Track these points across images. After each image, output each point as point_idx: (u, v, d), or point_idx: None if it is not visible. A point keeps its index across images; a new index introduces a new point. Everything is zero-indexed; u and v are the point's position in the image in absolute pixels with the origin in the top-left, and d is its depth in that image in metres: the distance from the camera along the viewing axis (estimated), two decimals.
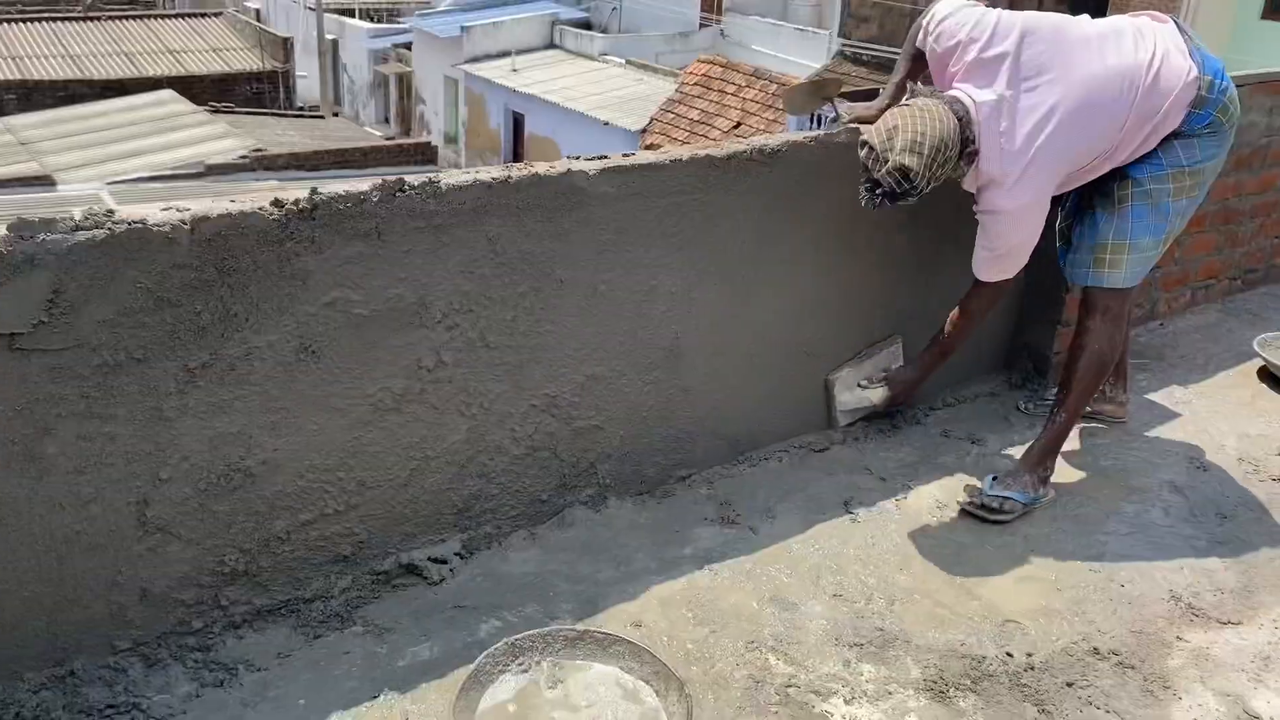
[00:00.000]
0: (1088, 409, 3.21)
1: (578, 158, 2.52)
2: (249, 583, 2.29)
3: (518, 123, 21.64)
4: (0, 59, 17.23)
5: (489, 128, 22.46)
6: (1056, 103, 2.53)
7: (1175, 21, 2.68)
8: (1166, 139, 2.66)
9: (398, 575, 2.46)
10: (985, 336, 3.52)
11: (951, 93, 2.60)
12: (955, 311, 2.95)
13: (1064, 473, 3.07)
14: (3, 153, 12.97)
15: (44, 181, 11.92)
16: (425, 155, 15.19)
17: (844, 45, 20.68)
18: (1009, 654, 2.35)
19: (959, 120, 2.54)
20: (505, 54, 21.88)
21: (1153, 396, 3.56)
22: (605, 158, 2.54)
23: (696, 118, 17.57)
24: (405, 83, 25.71)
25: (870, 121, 2.95)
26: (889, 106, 2.99)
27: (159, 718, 2.06)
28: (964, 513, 2.84)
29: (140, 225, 1.96)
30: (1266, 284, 4.52)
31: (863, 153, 2.55)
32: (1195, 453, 3.22)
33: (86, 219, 1.93)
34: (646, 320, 2.69)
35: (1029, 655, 2.36)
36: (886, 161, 2.49)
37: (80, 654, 2.13)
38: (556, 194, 2.43)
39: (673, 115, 17.86)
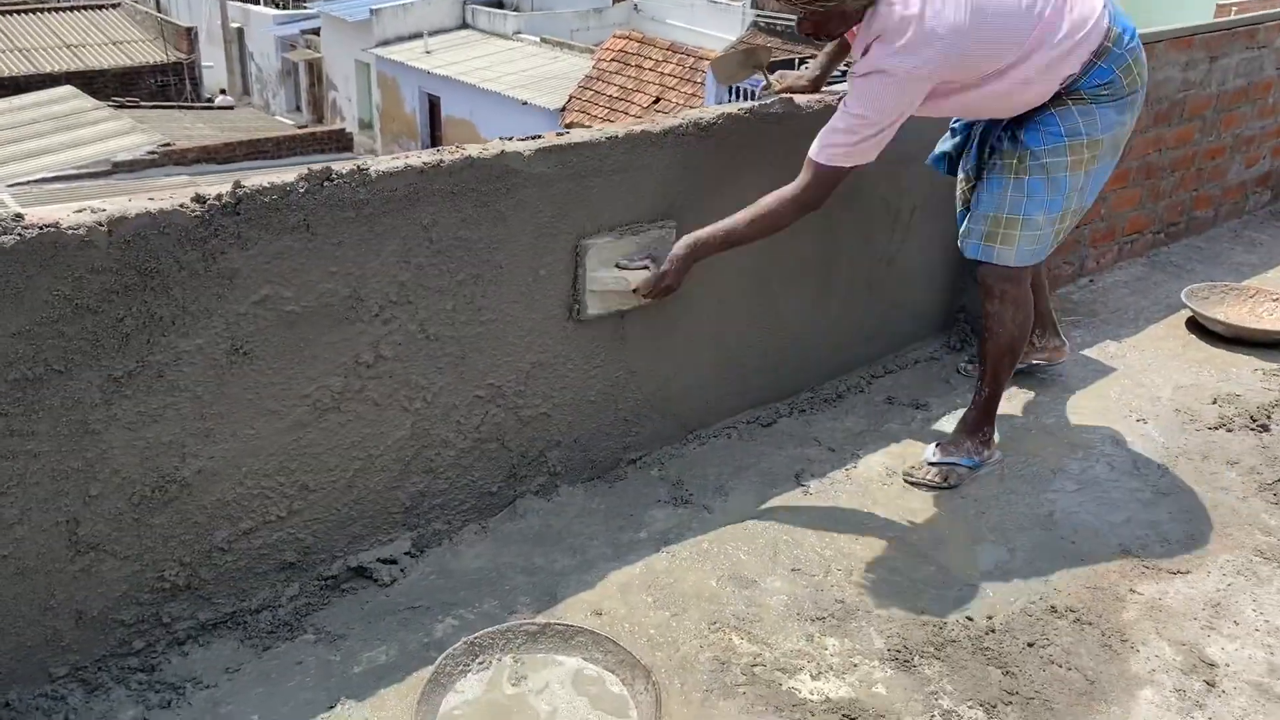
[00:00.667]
0: (1028, 363, 3.27)
1: (510, 138, 2.45)
2: (191, 597, 2.19)
3: (434, 106, 21.31)
4: None
5: (404, 112, 22.08)
6: None
7: None
8: (1064, 102, 2.54)
9: (347, 579, 2.38)
10: (923, 300, 3.53)
11: None
12: (764, 199, 2.51)
13: (1008, 433, 3.09)
14: None
15: None
16: (341, 143, 14.89)
17: (758, 16, 20.71)
18: (969, 618, 2.36)
19: None
20: (417, 36, 21.49)
21: (1088, 352, 3.60)
22: (539, 137, 2.47)
23: (615, 94, 17.46)
24: (315, 69, 25.14)
25: (802, 91, 2.92)
26: (822, 76, 2.96)
27: None
28: (912, 484, 2.83)
29: (53, 229, 1.84)
30: (1188, 236, 4.61)
31: None
32: (1133, 406, 3.27)
33: None
34: (547, 314, 2.63)
35: (989, 618, 2.36)
36: None
37: (14, 684, 2.02)
38: (491, 177, 2.35)
39: (591, 93, 17.73)
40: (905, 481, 2.83)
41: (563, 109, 17.69)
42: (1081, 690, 2.18)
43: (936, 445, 2.87)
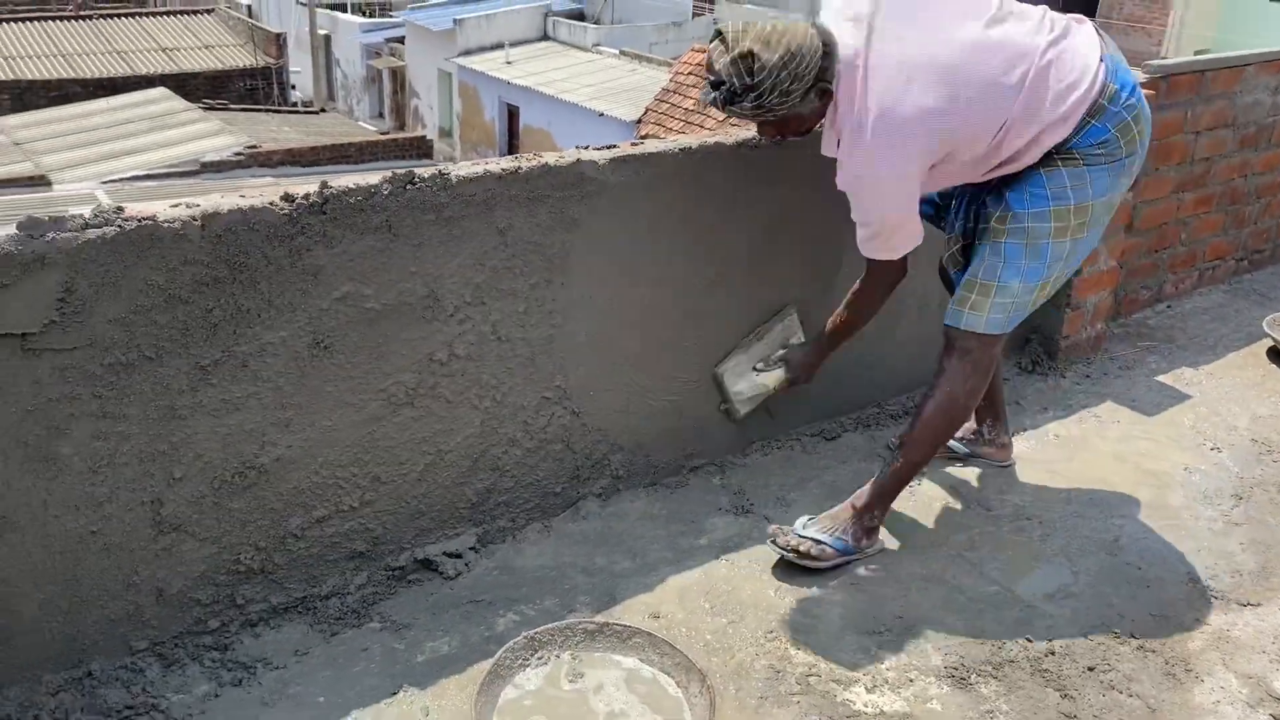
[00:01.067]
0: (971, 450, 2.98)
1: (586, 147, 2.50)
2: (265, 580, 2.27)
3: (512, 115, 21.59)
4: None
5: (484, 120, 22.41)
6: (921, 60, 2.20)
7: (1096, 27, 2.37)
8: (1054, 162, 2.32)
9: (413, 570, 2.45)
10: None
11: (821, 22, 2.31)
12: (853, 290, 2.61)
13: (1079, 458, 3.06)
14: None
15: (39, 182, 11.88)
16: (421, 149, 15.17)
17: None
18: (1029, 639, 2.34)
19: (824, 48, 2.21)
20: (499, 46, 21.82)
21: (1163, 379, 3.54)
22: (614, 147, 2.52)
23: (691, 107, 17.51)
24: (399, 77, 25.65)
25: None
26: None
27: (178, 717, 2.05)
28: (775, 554, 2.53)
29: (150, 222, 1.94)
30: (1273, 264, 4.51)
31: (711, 43, 2.26)
32: (1208, 434, 3.21)
33: (96, 217, 1.91)
34: (656, 309, 2.67)
35: (1049, 640, 2.35)
36: (733, 50, 2.19)
37: (97, 655, 2.12)
38: (566, 184, 2.41)
39: (667, 105, 17.81)
40: (769, 541, 2.53)
41: (638, 121, 17.80)
42: (1142, 718, 2.16)
43: (809, 517, 2.56)
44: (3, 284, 1.82)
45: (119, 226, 1.91)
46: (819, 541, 2.50)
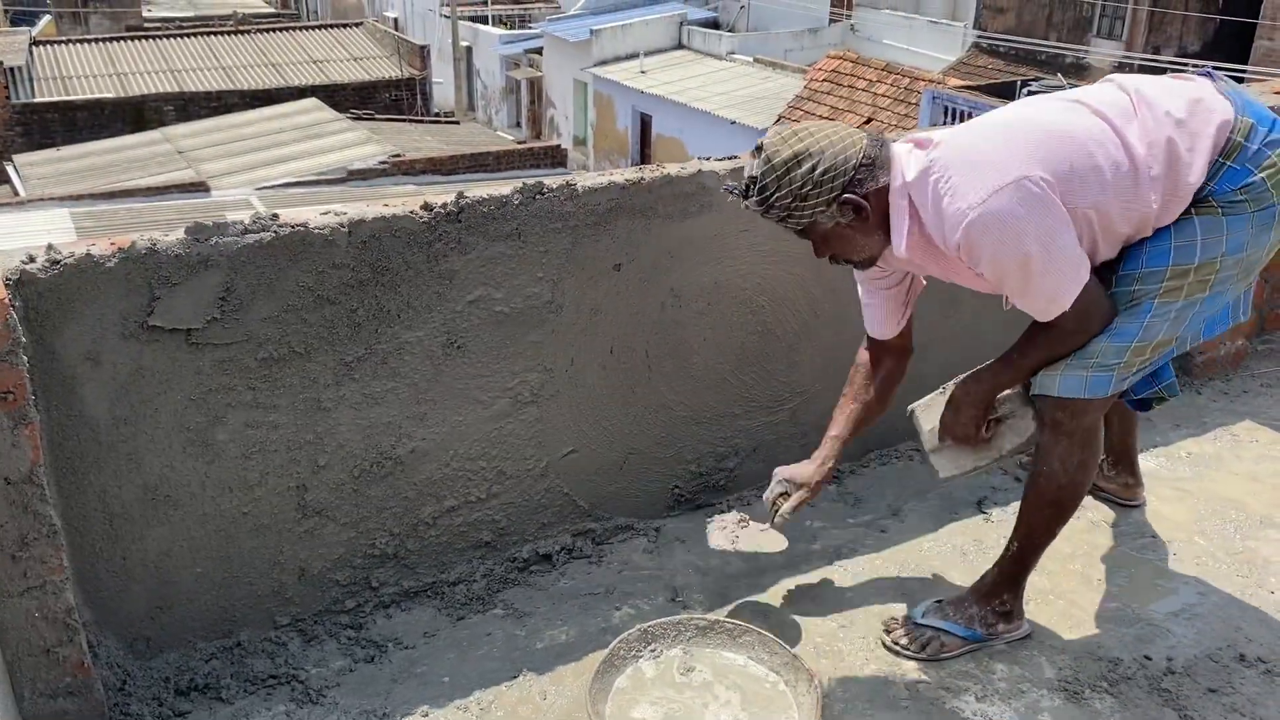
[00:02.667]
0: (1094, 488, 2.74)
1: (707, 158, 2.58)
2: (397, 565, 2.42)
3: (645, 124, 21.84)
4: (160, 73, 18.28)
5: (617, 129, 22.72)
6: (1023, 115, 2.06)
7: (1209, 73, 2.14)
8: (1188, 212, 2.04)
9: (534, 562, 2.56)
10: None
11: (889, 138, 2.14)
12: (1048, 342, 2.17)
13: (1211, 477, 2.98)
14: (162, 161, 13.79)
15: (199, 188, 12.64)
16: (555, 158, 15.52)
17: (979, 37, 20.21)
18: (1147, 657, 2.31)
19: (864, 159, 2.01)
20: (633, 56, 22.10)
21: None
22: (735, 158, 2.59)
23: (825, 114, 17.42)
24: (536, 87, 26.22)
25: (813, 492, 2.45)
26: (827, 463, 2.45)
27: (316, 689, 2.20)
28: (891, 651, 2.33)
29: (302, 228, 2.10)
30: None
31: None
32: None
33: (254, 222, 2.07)
34: (774, 318, 2.73)
35: (1169, 659, 2.30)
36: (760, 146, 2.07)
37: (245, 627, 2.29)
38: (688, 194, 2.49)
39: (801, 113, 17.74)
40: (883, 644, 2.33)
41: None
42: None
43: (936, 601, 2.35)
44: (173, 283, 2.00)
45: (274, 232, 2.08)
46: (939, 630, 2.30)
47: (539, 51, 25.79)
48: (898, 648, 2.31)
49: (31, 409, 1.84)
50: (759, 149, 2.06)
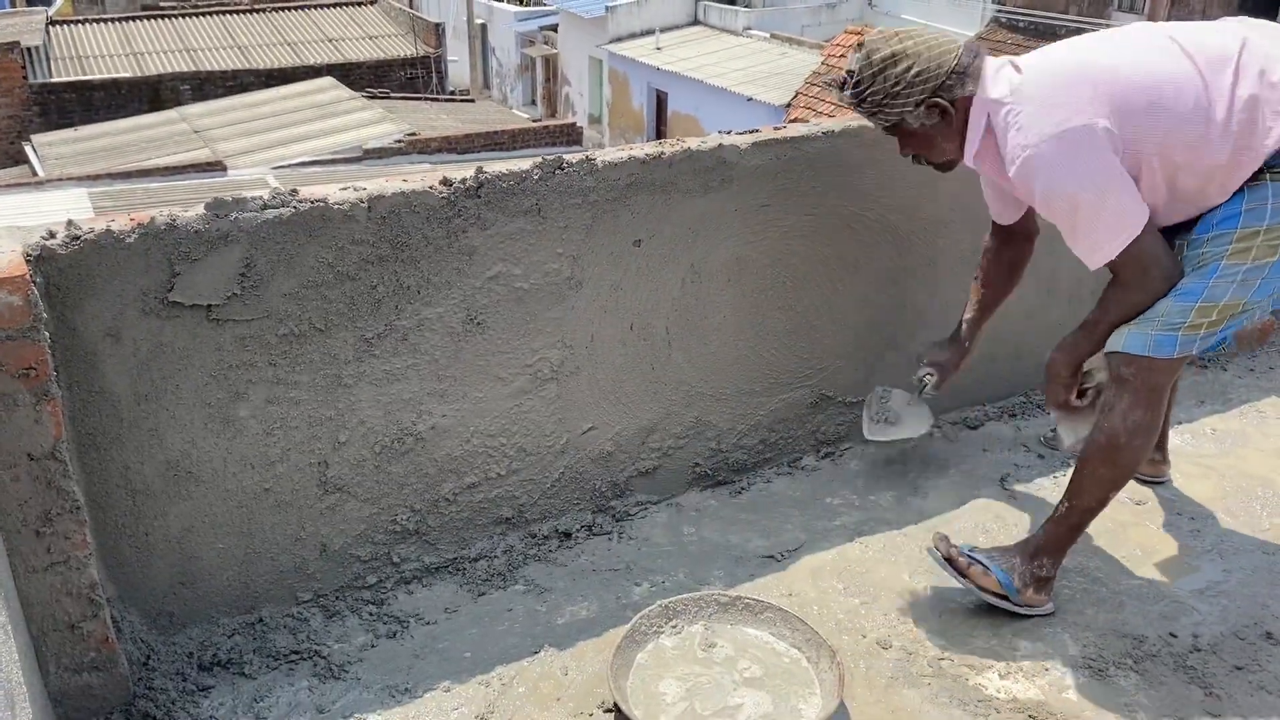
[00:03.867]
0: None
1: (728, 132, 2.55)
2: (419, 541, 2.42)
3: (660, 101, 21.72)
4: (176, 52, 18.26)
5: (632, 107, 22.61)
6: (1107, 53, 2.10)
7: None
8: (1260, 177, 2.05)
9: (555, 538, 2.55)
10: None
11: (982, 49, 2.21)
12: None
13: (1236, 454, 2.95)
14: (179, 141, 13.80)
15: (216, 167, 12.64)
16: (570, 136, 15.45)
17: (998, 11, 20.00)
18: (1173, 634, 2.29)
19: (957, 67, 2.12)
20: (649, 32, 21.97)
21: None
22: (756, 131, 2.56)
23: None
24: (551, 65, 26.10)
25: (957, 368, 2.68)
26: (964, 342, 2.65)
27: (338, 664, 2.20)
28: (931, 555, 2.38)
29: (322, 204, 2.09)
30: None
31: None
32: None
33: (274, 198, 2.06)
34: (795, 294, 2.70)
35: (1195, 637, 2.29)
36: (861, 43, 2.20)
37: (267, 603, 2.30)
38: (708, 169, 2.46)
39: (818, 89, 17.61)
40: (929, 549, 2.39)
41: (788, 105, 17.67)
42: None
43: (995, 549, 2.37)
44: (193, 259, 1.99)
45: (294, 207, 2.07)
46: (979, 562, 2.31)
47: (554, 28, 25.68)
48: (937, 551, 2.31)
49: (53, 385, 1.84)
50: (860, 45, 2.18)
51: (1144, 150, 2.06)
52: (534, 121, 18.35)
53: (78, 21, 19.43)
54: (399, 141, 13.56)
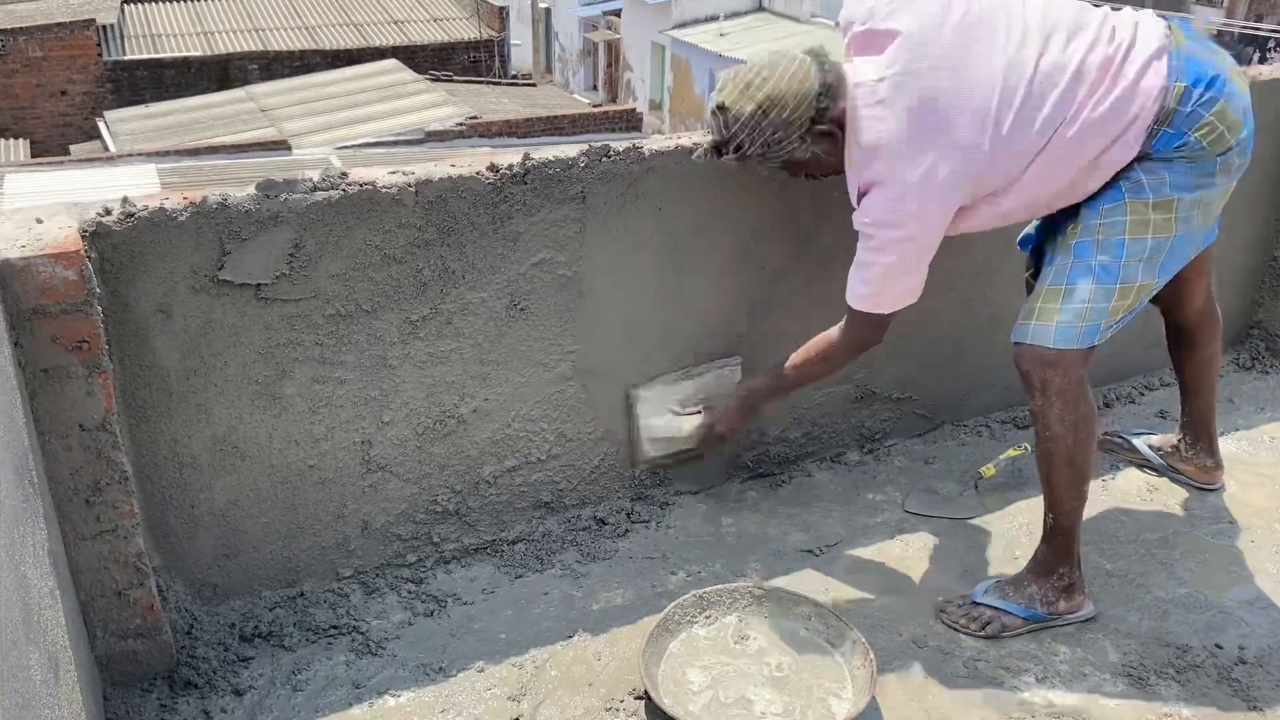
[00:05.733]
0: (1171, 471, 2.75)
1: None
2: (458, 522, 2.44)
3: None
4: (244, 31, 18.55)
5: (694, 94, 22.50)
6: (966, 95, 2.03)
7: (1178, 20, 2.15)
8: (1129, 166, 2.09)
9: (593, 524, 2.57)
10: None
11: (835, 60, 2.15)
12: (815, 341, 2.33)
13: None
14: (246, 119, 14.03)
15: (281, 146, 12.83)
16: (630, 122, 15.42)
17: None
18: (1218, 645, 2.24)
19: (821, 89, 2.07)
20: (713, 18, 21.84)
21: None
22: None
23: None
24: (614, 50, 26.07)
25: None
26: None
27: (376, 641, 2.24)
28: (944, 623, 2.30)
29: (370, 187, 2.11)
30: None
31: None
32: None
33: (324, 180, 2.09)
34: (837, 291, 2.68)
35: (1240, 649, 2.24)
36: (713, 101, 2.13)
37: (309, 578, 2.34)
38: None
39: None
40: (937, 613, 2.32)
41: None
42: None
43: (995, 582, 2.32)
44: (243, 238, 2.03)
45: (343, 190, 2.09)
46: (999, 610, 2.26)
47: (618, 14, 25.62)
48: (956, 626, 2.28)
49: (105, 358, 1.88)
50: (722, 108, 2.11)
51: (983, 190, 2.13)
52: (594, 107, 18.35)
53: (151, 0, 19.82)
54: (460, 125, 13.64)
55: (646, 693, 2.07)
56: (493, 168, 2.21)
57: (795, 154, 2.13)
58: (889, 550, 2.53)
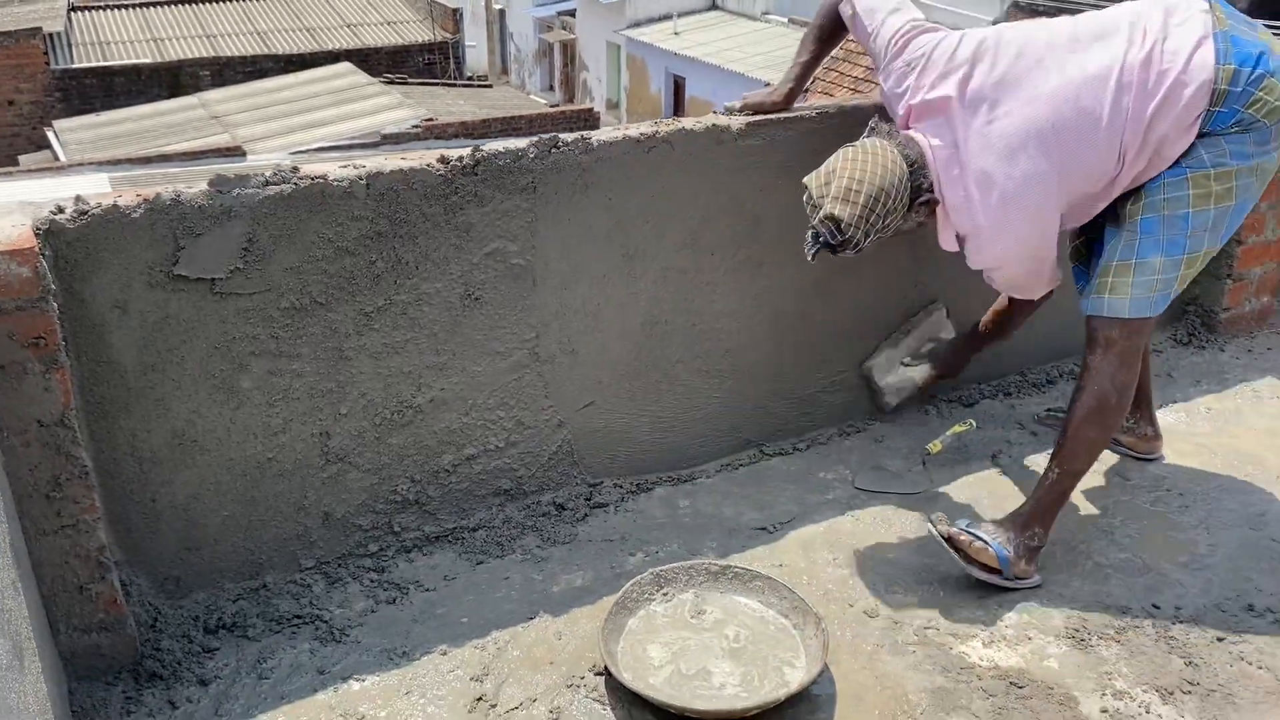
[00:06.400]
0: (1112, 441, 2.78)
1: (720, 111, 2.60)
2: (419, 511, 2.48)
3: (678, 87, 21.69)
4: (195, 38, 18.38)
5: (650, 93, 22.58)
6: (1023, 131, 2.18)
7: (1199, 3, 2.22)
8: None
9: (553, 510, 2.61)
10: None
11: (906, 133, 2.30)
12: (999, 305, 2.71)
13: (1230, 432, 2.98)
14: (198, 126, 13.91)
15: (235, 152, 12.73)
16: (588, 122, 15.43)
17: None
18: (1156, 606, 2.33)
19: (911, 166, 2.23)
20: (667, 17, 21.92)
21: None
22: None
23: (861, 75, 17.19)
24: (569, 50, 26.09)
25: (767, 110, 2.63)
26: (795, 90, 2.68)
27: (339, 628, 2.27)
28: (931, 531, 2.40)
29: (322, 180, 2.15)
30: None
31: (804, 197, 2.29)
32: None
33: (275, 175, 2.13)
34: (803, 271, 2.75)
35: (1178, 609, 2.33)
36: (820, 209, 2.23)
37: (271, 570, 2.37)
38: (704, 148, 2.51)
39: (836, 74, 17.54)
40: (929, 527, 2.40)
41: (806, 90, 17.59)
42: (1270, 689, 2.12)
43: (991, 521, 2.44)
44: (196, 233, 2.05)
45: (295, 184, 2.13)
46: (978, 538, 2.36)
47: (572, 14, 25.64)
48: (936, 527, 2.36)
49: (62, 354, 1.91)
50: (833, 219, 2.21)
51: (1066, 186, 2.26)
52: (551, 107, 18.37)
53: (99, 7, 19.57)
54: (416, 127, 13.60)
55: (606, 668, 2.12)
56: (443, 160, 2.25)
57: (903, 228, 2.31)
58: (840, 526, 2.60)
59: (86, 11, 18.96)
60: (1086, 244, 2.53)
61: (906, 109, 2.30)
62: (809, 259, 2.28)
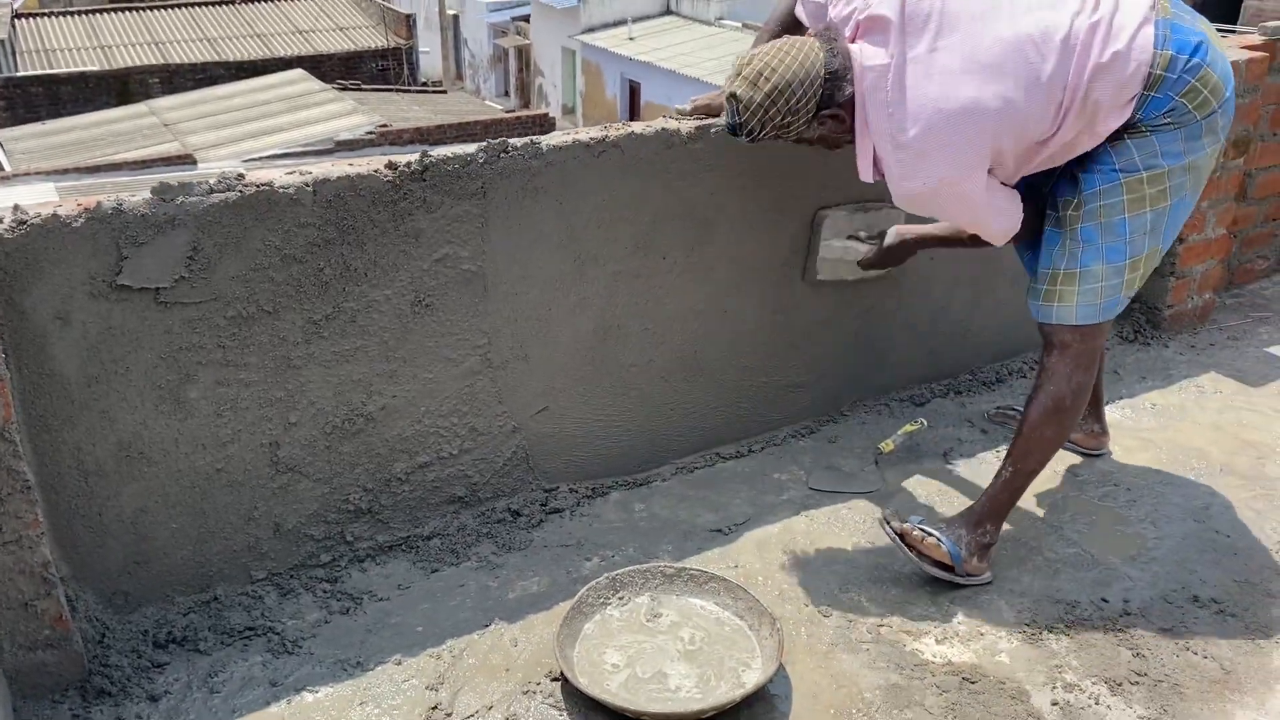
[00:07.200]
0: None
1: (670, 115, 2.60)
2: (372, 520, 2.46)
3: (634, 92, 21.74)
4: (144, 45, 18.14)
5: (606, 98, 22.61)
6: (964, 68, 2.11)
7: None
8: (1120, 136, 2.19)
9: (508, 516, 2.60)
10: None
11: (845, 44, 2.21)
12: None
13: (1175, 427, 3.03)
14: (147, 134, 13.71)
15: (185, 160, 12.56)
16: (544, 127, 15.42)
17: None
18: (1104, 599, 2.37)
19: (830, 73, 2.17)
20: (621, 23, 21.97)
21: (1274, 350, 3.46)
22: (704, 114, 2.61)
23: None
24: (524, 55, 26.06)
25: (715, 113, 2.60)
26: None
27: (292, 640, 2.25)
28: (884, 528, 2.42)
29: (268, 187, 2.13)
30: None
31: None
32: None
33: (220, 182, 2.10)
34: (756, 274, 2.76)
35: (1125, 601, 2.36)
36: (727, 88, 2.25)
37: (222, 582, 2.34)
38: (654, 152, 2.51)
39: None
40: (882, 525, 2.43)
41: None
42: (1215, 679, 2.17)
43: (942, 520, 2.47)
44: (140, 242, 2.03)
45: (240, 191, 2.11)
46: (930, 534, 2.38)
47: (527, 19, 25.62)
48: (889, 524, 2.38)
49: (2, 367, 1.87)
50: (734, 97, 2.23)
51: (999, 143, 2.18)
52: (507, 113, 18.31)
53: (44, 14, 19.26)
54: (370, 134, 13.50)
55: (563, 674, 2.11)
56: (391, 165, 2.24)
57: (805, 133, 2.27)
58: (794, 526, 2.62)
59: (31, 19, 18.65)
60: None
61: (855, 25, 2.23)
62: (712, 134, 2.30)
